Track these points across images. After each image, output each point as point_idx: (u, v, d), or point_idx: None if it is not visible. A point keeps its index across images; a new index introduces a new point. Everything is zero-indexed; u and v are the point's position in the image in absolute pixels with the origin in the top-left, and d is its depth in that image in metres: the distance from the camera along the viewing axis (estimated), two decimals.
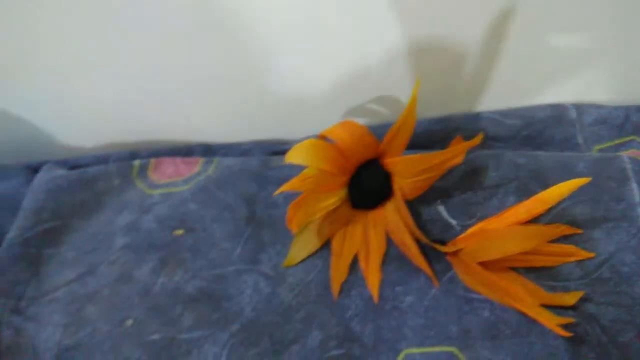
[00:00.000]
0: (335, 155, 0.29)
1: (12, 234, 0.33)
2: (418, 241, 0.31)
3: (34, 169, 0.39)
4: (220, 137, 0.41)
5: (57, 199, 0.35)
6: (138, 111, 0.39)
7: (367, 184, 0.32)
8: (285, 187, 0.28)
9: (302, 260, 0.32)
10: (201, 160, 0.38)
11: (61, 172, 0.37)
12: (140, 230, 0.34)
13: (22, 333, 0.30)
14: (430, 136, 0.39)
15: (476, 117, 0.39)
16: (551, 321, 0.27)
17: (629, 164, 0.32)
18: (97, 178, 0.36)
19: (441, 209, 0.33)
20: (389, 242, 0.32)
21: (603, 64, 0.36)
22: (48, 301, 0.32)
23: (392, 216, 0.32)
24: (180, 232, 0.34)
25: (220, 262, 0.33)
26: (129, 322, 0.31)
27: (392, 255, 0.32)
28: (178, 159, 0.38)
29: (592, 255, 0.30)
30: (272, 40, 0.34)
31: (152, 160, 0.38)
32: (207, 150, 0.41)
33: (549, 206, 0.30)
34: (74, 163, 0.40)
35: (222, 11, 0.32)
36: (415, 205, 0.33)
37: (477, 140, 0.30)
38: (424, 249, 0.31)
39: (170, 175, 0.37)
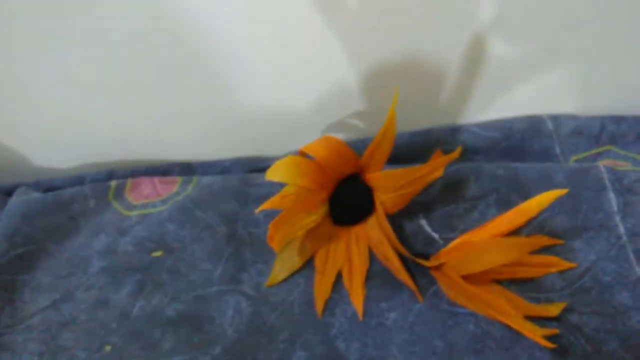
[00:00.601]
0: (315, 171, 0.29)
1: None
2: (401, 256, 0.31)
3: (6, 192, 0.38)
4: (199, 154, 0.41)
5: (31, 223, 0.34)
6: (114, 130, 0.39)
7: (348, 200, 0.32)
8: (265, 205, 0.28)
9: (285, 279, 0.32)
10: (179, 180, 0.37)
11: (35, 195, 0.36)
12: (117, 253, 0.33)
13: None
14: (411, 149, 0.39)
15: (456, 129, 0.39)
16: (535, 333, 0.27)
17: (605, 174, 0.33)
18: (72, 200, 0.35)
19: (423, 222, 0.33)
20: (372, 257, 0.32)
21: (577, 75, 0.37)
22: (23, 329, 0.31)
23: (374, 231, 0.32)
24: (158, 253, 0.33)
25: (201, 283, 0.32)
26: (108, 348, 0.30)
27: (375, 271, 0.32)
28: (156, 179, 0.37)
29: (574, 265, 0.30)
30: (248, 60, 0.34)
31: (129, 181, 0.37)
32: (186, 168, 0.41)
33: (529, 217, 0.30)
34: (49, 185, 0.39)
35: (198, 34, 0.32)
36: (397, 220, 0.33)
37: (456, 153, 0.30)
38: (407, 264, 0.31)
39: (148, 196, 0.36)
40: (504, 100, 0.38)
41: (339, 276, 0.32)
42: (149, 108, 0.37)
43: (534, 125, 0.38)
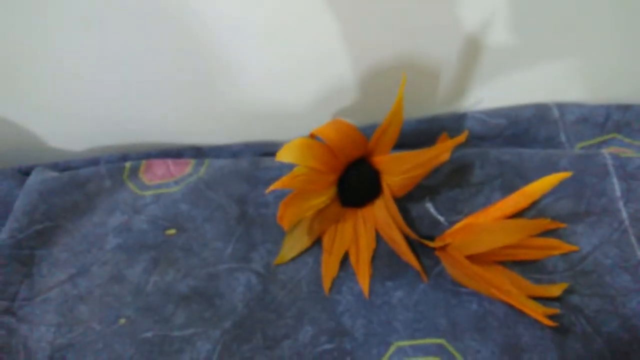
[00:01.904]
0: (325, 154, 0.30)
1: (4, 236, 0.34)
2: (407, 237, 0.31)
3: (25, 172, 0.39)
4: (210, 139, 0.42)
5: (49, 201, 0.35)
6: (128, 114, 0.40)
7: (356, 182, 0.32)
8: (276, 185, 0.29)
9: (293, 258, 0.33)
10: (192, 162, 0.38)
11: (53, 174, 0.37)
12: (132, 231, 0.34)
13: (15, 333, 0.30)
14: (417, 136, 0.40)
15: (462, 117, 0.39)
16: (537, 311, 0.28)
17: (609, 160, 0.33)
18: (88, 179, 0.36)
19: (429, 206, 0.34)
20: (379, 238, 0.33)
21: (584, 63, 0.37)
22: (41, 302, 0.32)
23: (381, 213, 0.33)
24: (172, 232, 0.34)
25: (212, 261, 0.33)
26: (122, 320, 0.31)
27: (381, 252, 0.32)
28: (169, 161, 0.38)
29: (576, 248, 0.31)
30: (249, 50, 0.35)
31: (143, 162, 0.38)
32: (198, 153, 0.41)
33: (533, 200, 0.31)
34: (65, 166, 0.40)
35: (200, 25, 0.33)
36: (403, 203, 0.34)
37: (463, 137, 0.30)
38: (412, 245, 0.32)
39: (162, 177, 0.37)
40: (511, 88, 0.39)
41: (346, 256, 0.32)
42: (162, 95, 0.38)
43: (540, 112, 0.38)
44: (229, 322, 0.30)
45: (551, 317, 0.28)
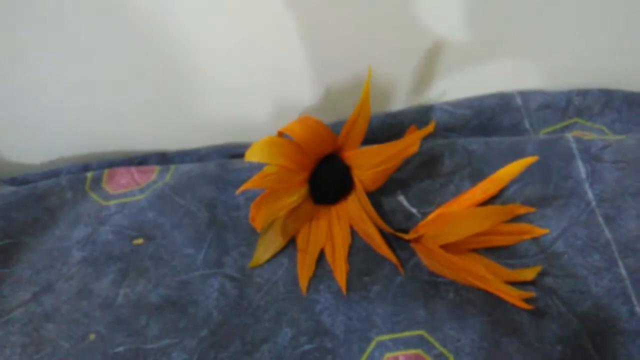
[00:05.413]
0: (294, 151, 0.29)
1: None
2: (381, 231, 0.31)
3: None
4: (175, 144, 0.41)
5: (8, 217, 0.33)
6: (89, 124, 0.38)
7: (327, 179, 0.32)
8: (246, 185, 0.28)
9: (268, 260, 0.32)
10: (157, 169, 0.37)
11: (10, 188, 0.35)
12: (97, 243, 0.33)
13: None
14: (385, 131, 0.39)
15: (429, 109, 0.40)
16: (513, 295, 0.28)
17: (573, 143, 0.34)
18: (48, 192, 0.35)
19: (401, 198, 0.34)
20: (354, 234, 0.33)
21: (543, 52, 0.38)
22: (4, 323, 0.30)
23: (354, 209, 0.32)
24: (139, 241, 0.33)
25: (184, 269, 0.32)
26: (92, 336, 0.30)
27: (357, 247, 0.32)
28: (133, 169, 0.37)
29: (546, 231, 0.31)
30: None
31: (106, 171, 0.36)
32: (163, 158, 0.40)
33: (502, 186, 0.31)
34: (24, 180, 0.38)
35: (175, 43, 0.33)
36: (376, 197, 0.34)
37: (431, 127, 0.30)
38: (387, 239, 0.32)
39: (126, 185, 0.36)
40: (474, 79, 0.39)
41: (321, 254, 0.32)
42: (124, 103, 0.37)
43: (503, 101, 0.39)
44: (205, 330, 0.30)
45: (527, 300, 0.28)
